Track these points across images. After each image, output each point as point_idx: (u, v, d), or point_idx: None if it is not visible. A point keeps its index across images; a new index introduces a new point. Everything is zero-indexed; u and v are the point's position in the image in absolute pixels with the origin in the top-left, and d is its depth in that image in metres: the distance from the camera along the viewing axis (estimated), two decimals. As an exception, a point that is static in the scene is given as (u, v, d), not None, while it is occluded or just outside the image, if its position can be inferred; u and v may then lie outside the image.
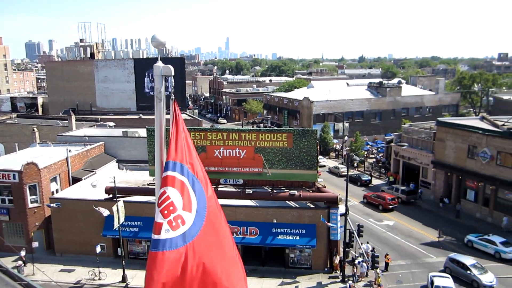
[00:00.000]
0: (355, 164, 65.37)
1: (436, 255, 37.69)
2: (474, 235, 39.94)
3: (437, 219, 45.54)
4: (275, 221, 34.53)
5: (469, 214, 46.61)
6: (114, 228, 32.70)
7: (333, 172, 63.83)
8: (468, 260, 33.61)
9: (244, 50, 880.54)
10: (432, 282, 31.03)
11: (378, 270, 32.91)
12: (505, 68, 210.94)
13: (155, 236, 5.77)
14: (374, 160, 69.06)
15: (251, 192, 35.20)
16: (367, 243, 37.53)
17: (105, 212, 32.34)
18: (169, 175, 5.94)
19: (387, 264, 35.20)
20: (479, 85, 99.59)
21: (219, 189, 35.60)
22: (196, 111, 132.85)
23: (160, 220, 5.80)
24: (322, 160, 67.92)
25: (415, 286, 32.46)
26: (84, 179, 41.49)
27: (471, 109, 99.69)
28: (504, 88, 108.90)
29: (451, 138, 48.89)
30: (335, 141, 76.22)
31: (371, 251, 35.80)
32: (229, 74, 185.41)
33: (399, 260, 36.81)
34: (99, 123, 62.10)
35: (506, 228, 42.40)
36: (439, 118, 55.48)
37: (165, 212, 5.83)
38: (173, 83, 5.80)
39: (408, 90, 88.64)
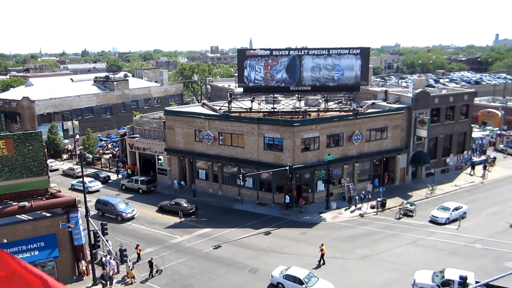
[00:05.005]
0: (92, 162, 63.17)
1: (180, 235, 40.40)
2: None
3: (177, 202, 48.66)
4: (5, 241, 30.23)
5: (203, 192, 51.64)
6: None
7: (69, 174, 59.95)
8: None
9: None
10: None
11: (129, 264, 33.04)
12: (217, 59, 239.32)
13: None
14: (111, 155, 68.17)
15: (-32, 213, 29.70)
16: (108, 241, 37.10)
17: None
18: None
19: (139, 255, 35.80)
20: (198, 75, 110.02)
21: None
22: None
23: None
24: (54, 163, 62.91)
25: (166, 269, 34.08)
26: None
27: (194, 97, 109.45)
28: (218, 77, 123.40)
29: (179, 125, 52.67)
30: (66, 141, 71.44)
31: (118, 246, 35.58)
32: None
33: (148, 248, 37.83)
34: None
35: (178, 189, 52.20)
36: (167, 108, 58.85)
37: None
38: None
39: (135, 83, 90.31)
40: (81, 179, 50.96)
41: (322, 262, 34.29)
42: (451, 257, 35.64)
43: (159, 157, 55.82)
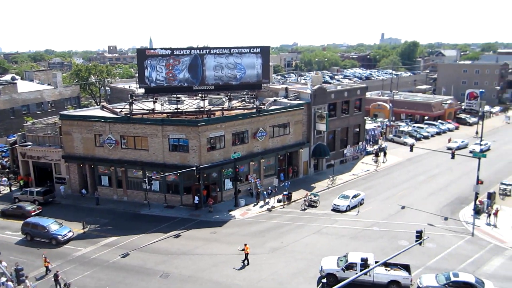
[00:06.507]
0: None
1: (85, 247, 38.15)
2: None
3: (80, 212, 45.96)
4: None
5: (107, 199, 49.33)
6: None
7: (-51, 190, 53.52)
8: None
9: None
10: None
11: (28, 283, 30.43)
12: (116, 59, 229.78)
13: None
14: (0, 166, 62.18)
15: None
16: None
17: None
18: None
19: (47, 268, 33.64)
20: (96, 76, 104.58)
21: None
22: None
23: None
24: None
25: (68, 284, 31.97)
26: None
27: (92, 100, 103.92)
28: (117, 78, 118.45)
29: (77, 130, 49.65)
30: None
31: (15, 265, 32.61)
32: None
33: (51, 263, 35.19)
34: None
35: (65, 195, 50.82)
36: (62, 112, 55.18)
37: None
38: None
39: (25, 86, 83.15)
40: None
41: (246, 262, 34.35)
42: (353, 241, 38.16)
43: (56, 165, 52.14)
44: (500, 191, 48.87)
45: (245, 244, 34.61)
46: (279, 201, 48.19)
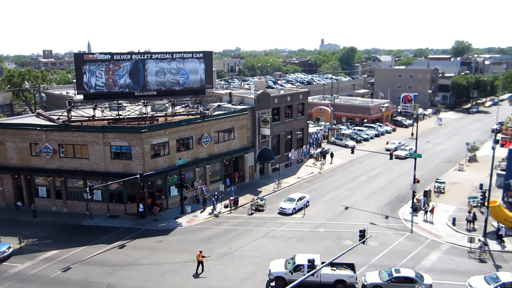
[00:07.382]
0: None
1: (21, 263, 35.99)
2: None
3: (16, 226, 43.30)
4: None
5: (46, 211, 46.92)
6: None
7: None
8: None
9: None
10: None
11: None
12: (52, 64, 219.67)
13: None
14: None
15: None
16: None
17: None
18: None
19: None
20: (30, 82, 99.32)
21: None
22: None
23: None
24: None
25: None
26: None
27: (27, 107, 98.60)
28: (54, 83, 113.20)
29: (10, 139, 46.89)
30: None
31: None
32: None
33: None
34: None
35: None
36: (-7, 121, 51.92)
37: None
38: None
39: (-51, 94, 77.56)
40: None
41: (200, 269, 33.81)
42: (300, 243, 38.81)
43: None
44: (435, 189, 51.73)
45: (200, 252, 34.16)
46: (225, 206, 48.07)
